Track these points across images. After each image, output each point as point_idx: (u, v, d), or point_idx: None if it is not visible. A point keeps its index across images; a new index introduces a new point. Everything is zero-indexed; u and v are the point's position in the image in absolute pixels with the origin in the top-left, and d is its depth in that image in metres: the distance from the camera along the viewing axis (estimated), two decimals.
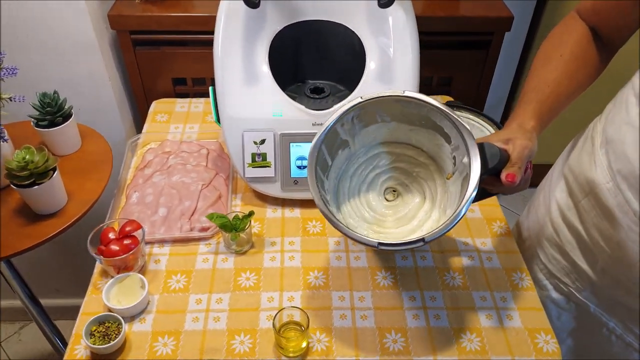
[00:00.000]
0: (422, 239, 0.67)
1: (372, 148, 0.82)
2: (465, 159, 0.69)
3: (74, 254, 1.59)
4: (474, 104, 1.39)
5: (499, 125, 1.07)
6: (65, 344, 1.31)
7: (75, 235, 1.37)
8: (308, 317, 0.77)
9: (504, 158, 0.69)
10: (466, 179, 0.69)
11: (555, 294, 0.89)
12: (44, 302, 1.22)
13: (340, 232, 0.69)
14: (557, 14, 1.58)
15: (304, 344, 0.77)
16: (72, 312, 1.69)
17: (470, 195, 0.67)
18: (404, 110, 0.76)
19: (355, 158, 0.82)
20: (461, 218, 0.67)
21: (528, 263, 0.93)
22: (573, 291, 0.86)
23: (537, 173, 1.06)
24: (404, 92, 0.72)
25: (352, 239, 0.69)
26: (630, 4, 0.68)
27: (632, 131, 0.69)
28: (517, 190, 0.70)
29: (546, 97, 0.73)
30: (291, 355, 0.77)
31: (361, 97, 0.73)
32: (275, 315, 0.77)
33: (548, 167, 0.96)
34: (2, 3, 1.07)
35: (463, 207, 0.67)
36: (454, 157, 0.74)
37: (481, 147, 0.69)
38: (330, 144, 0.76)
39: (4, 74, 0.85)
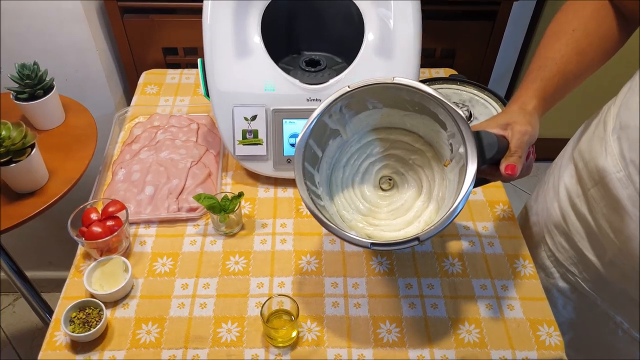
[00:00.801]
0: (417, 238, 0.63)
1: (365, 135, 0.77)
2: (462, 149, 0.64)
3: (64, 227, 1.56)
4: (479, 77, 1.33)
5: (504, 101, 1.02)
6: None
7: (65, 210, 1.33)
8: (298, 306, 0.73)
9: (503, 147, 0.64)
10: (463, 168, 0.64)
11: (561, 283, 0.85)
12: (37, 274, 1.19)
13: (330, 232, 0.65)
14: None
15: (293, 334, 0.74)
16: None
17: (467, 190, 0.62)
18: (395, 97, 0.70)
19: (347, 146, 0.77)
20: (458, 214, 0.62)
21: (535, 249, 0.88)
22: (580, 281, 0.82)
23: (554, 148, 1.00)
24: (393, 78, 0.66)
25: (344, 240, 0.65)
26: None
27: None
28: (520, 177, 0.66)
29: (552, 76, 0.67)
30: (280, 345, 0.74)
31: (348, 87, 0.68)
32: (264, 303, 0.73)
33: (563, 142, 0.90)
34: None
35: (459, 203, 0.62)
36: (451, 144, 0.69)
37: (478, 136, 0.64)
38: (319, 136, 0.71)
39: None
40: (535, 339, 0.76)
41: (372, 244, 0.64)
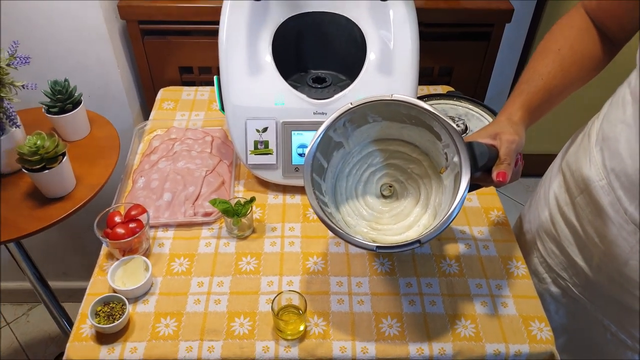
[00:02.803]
0: (418, 241, 0.69)
1: (365, 146, 0.84)
2: (456, 158, 0.71)
3: (82, 238, 1.62)
4: (475, 94, 1.40)
5: None
6: (71, 325, 1.35)
7: (83, 219, 1.41)
8: (306, 301, 0.79)
9: (493, 155, 0.70)
10: (458, 175, 0.71)
11: (553, 288, 0.90)
12: (51, 284, 1.25)
13: (339, 237, 0.71)
14: (559, 6, 1.58)
15: (301, 327, 0.80)
16: (78, 295, 1.73)
17: (462, 197, 0.69)
18: (394, 111, 0.77)
19: (350, 157, 0.83)
20: (453, 219, 0.69)
21: (528, 255, 0.94)
22: (570, 286, 0.87)
23: (542, 162, 1.07)
24: (392, 95, 0.74)
25: (351, 244, 0.71)
26: (633, 2, 0.68)
27: (627, 130, 0.70)
28: (510, 182, 0.72)
29: (538, 90, 0.73)
30: (289, 338, 0.80)
31: (351, 104, 0.75)
32: (274, 298, 0.79)
33: (552, 157, 0.97)
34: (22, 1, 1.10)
35: (455, 208, 0.69)
36: (446, 154, 0.76)
37: (470, 146, 0.70)
38: (325, 148, 0.78)
39: (17, 62, 0.87)
40: (527, 334, 0.81)
41: (377, 247, 0.70)
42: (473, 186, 0.74)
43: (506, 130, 0.71)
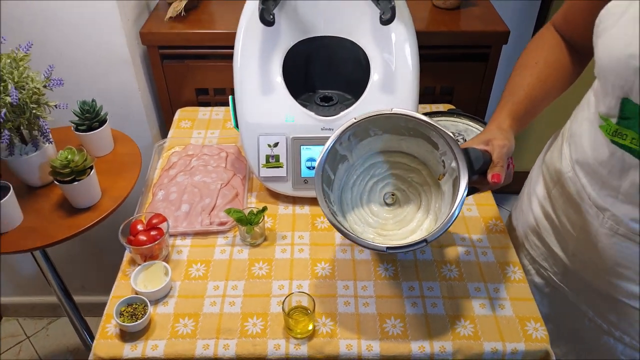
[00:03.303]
0: (425, 240, 0.75)
1: (368, 158, 0.91)
2: (454, 164, 0.78)
3: (100, 253, 1.70)
4: (476, 111, 1.47)
5: None
6: (93, 338, 1.40)
7: (102, 235, 1.49)
8: (314, 301, 0.85)
9: (487, 159, 0.77)
10: (456, 180, 0.77)
11: (537, 279, 0.97)
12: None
13: (351, 240, 0.78)
14: None
15: (310, 327, 0.86)
16: (96, 309, 1.80)
17: (462, 197, 0.75)
18: (393, 124, 0.85)
19: (353, 170, 0.91)
20: (455, 218, 0.75)
21: (517, 252, 1.01)
22: (551, 275, 0.94)
23: (521, 178, 1.13)
24: (392, 109, 0.81)
25: (362, 246, 0.78)
26: (592, 14, 0.75)
27: (589, 125, 0.79)
28: (505, 184, 0.78)
29: (521, 100, 0.81)
30: (299, 336, 0.85)
31: (355, 118, 0.82)
32: (285, 299, 0.85)
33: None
34: (52, 24, 1.21)
35: (456, 208, 0.75)
36: (443, 161, 0.82)
37: (466, 152, 0.77)
38: (332, 161, 0.85)
39: (53, 84, 0.96)
40: (523, 333, 0.86)
41: (388, 247, 0.76)
42: (471, 190, 0.81)
43: (497, 137, 0.78)
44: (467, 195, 0.78)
